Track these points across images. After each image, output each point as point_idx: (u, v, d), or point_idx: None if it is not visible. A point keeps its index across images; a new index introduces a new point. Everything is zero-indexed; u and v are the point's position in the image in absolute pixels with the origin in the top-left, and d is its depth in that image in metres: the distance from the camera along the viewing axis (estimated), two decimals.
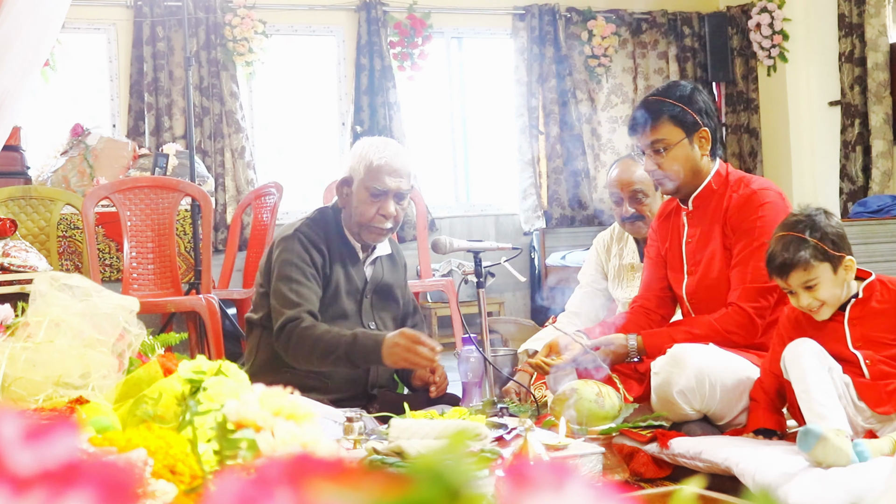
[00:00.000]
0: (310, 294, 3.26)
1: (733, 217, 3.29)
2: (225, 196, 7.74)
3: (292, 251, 3.29)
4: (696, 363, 3.03)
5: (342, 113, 8.34)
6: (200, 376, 1.80)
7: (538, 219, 8.52)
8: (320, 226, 3.39)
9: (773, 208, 3.24)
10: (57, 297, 2.08)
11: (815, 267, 2.82)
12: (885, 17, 8.10)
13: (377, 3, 8.20)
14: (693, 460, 2.94)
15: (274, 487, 0.38)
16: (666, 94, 3.40)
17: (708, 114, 3.39)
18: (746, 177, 3.40)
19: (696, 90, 3.42)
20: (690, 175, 3.37)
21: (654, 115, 3.35)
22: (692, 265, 3.41)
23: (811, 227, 2.85)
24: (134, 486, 0.39)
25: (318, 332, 3.13)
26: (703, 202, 3.39)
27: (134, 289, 5.11)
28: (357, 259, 3.41)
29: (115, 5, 7.67)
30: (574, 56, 8.82)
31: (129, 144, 6.74)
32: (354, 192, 3.33)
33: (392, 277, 3.51)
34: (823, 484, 2.47)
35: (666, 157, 3.34)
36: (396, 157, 3.32)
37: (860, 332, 2.87)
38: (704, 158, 3.38)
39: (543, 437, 2.60)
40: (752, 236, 3.23)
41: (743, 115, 9.16)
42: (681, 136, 3.34)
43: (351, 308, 3.36)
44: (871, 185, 8.05)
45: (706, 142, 3.37)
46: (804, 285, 2.83)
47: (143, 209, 5.19)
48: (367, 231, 3.33)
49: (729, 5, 9.23)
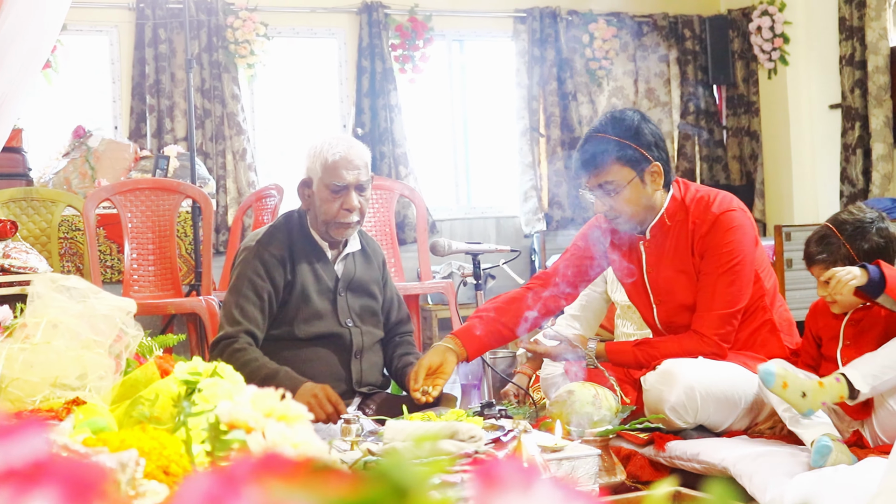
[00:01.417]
0: (254, 313, 3.27)
1: (699, 243, 3.20)
2: (226, 198, 7.75)
3: (249, 264, 3.31)
4: (687, 379, 3.02)
5: (343, 115, 8.36)
6: (196, 378, 1.81)
7: (539, 221, 8.53)
8: (283, 231, 3.40)
9: (740, 232, 3.18)
10: (55, 298, 2.09)
11: (834, 266, 2.86)
12: (885, 21, 8.10)
13: (378, 6, 8.21)
14: (690, 462, 2.95)
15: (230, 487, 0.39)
16: (611, 130, 3.18)
17: (657, 146, 3.20)
18: (704, 196, 3.26)
19: (643, 121, 3.21)
20: (645, 212, 3.23)
21: (600, 157, 3.15)
22: (659, 294, 3.33)
23: (853, 234, 2.86)
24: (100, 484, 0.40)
25: (245, 358, 3.14)
26: (661, 231, 3.28)
27: (134, 290, 5.12)
28: (325, 258, 3.41)
29: (117, 7, 7.69)
30: (575, 59, 8.83)
31: (130, 146, 6.76)
32: (315, 191, 3.34)
33: (366, 273, 3.49)
34: (820, 485, 2.48)
35: (617, 199, 3.18)
36: (351, 149, 3.32)
37: (852, 334, 2.89)
38: (658, 192, 3.22)
39: (540, 439, 2.61)
40: (721, 261, 3.16)
41: (744, 117, 9.17)
42: (630, 175, 3.16)
43: (325, 307, 3.36)
44: (871, 188, 8.05)
45: (658, 176, 3.19)
46: (823, 279, 2.86)
47: (144, 211, 5.20)
48: (335, 228, 3.34)
49: (730, 8, 9.24)
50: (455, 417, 2.85)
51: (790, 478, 2.57)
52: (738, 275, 3.15)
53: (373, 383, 3.45)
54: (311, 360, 3.34)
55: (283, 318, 3.34)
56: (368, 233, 5.74)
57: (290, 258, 3.34)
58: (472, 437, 2.27)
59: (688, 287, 3.24)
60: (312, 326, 3.33)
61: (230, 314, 3.28)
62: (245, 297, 3.27)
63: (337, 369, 3.36)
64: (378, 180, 6.52)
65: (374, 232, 5.93)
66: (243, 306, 3.27)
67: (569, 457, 2.52)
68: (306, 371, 3.30)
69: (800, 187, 8.69)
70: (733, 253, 3.15)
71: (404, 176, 8.09)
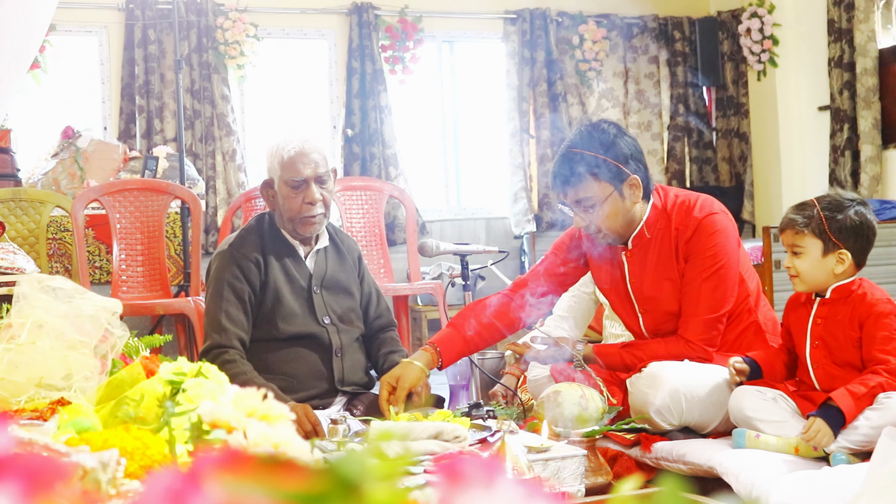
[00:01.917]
0: (240, 316, 3.29)
1: (684, 248, 3.20)
2: (216, 199, 7.75)
3: (225, 268, 3.33)
4: (672, 382, 3.03)
5: (333, 116, 8.35)
6: (181, 378, 1.82)
7: (529, 222, 8.53)
8: (255, 233, 3.41)
9: (723, 235, 3.18)
10: (40, 298, 2.09)
11: (804, 236, 2.88)
12: (873, 23, 8.13)
13: (369, 7, 8.22)
14: (676, 463, 2.97)
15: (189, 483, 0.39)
16: (587, 145, 3.15)
17: (634, 158, 3.17)
18: (685, 202, 3.24)
19: (619, 134, 3.18)
20: (625, 225, 3.22)
21: (576, 173, 3.12)
22: (644, 304, 3.32)
23: (831, 206, 2.88)
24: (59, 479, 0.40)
25: (234, 371, 3.14)
26: (643, 240, 3.26)
27: (123, 291, 5.12)
28: (298, 256, 3.42)
29: (106, 8, 7.68)
30: (565, 60, 8.84)
31: (119, 147, 6.75)
32: (278, 191, 3.36)
33: (340, 270, 3.49)
34: (806, 486, 2.49)
35: (595, 214, 3.16)
36: (305, 143, 3.33)
37: (820, 332, 2.90)
38: (637, 205, 3.20)
39: (526, 440, 2.61)
40: (705, 265, 3.16)
41: (733, 119, 9.19)
42: (608, 190, 3.14)
43: (299, 306, 3.37)
44: (859, 189, 8.08)
45: (637, 188, 3.17)
46: (791, 248, 2.91)
47: (133, 212, 5.20)
48: (301, 224, 3.35)
49: (720, 10, 9.26)
50: (442, 418, 2.85)
51: (776, 477, 2.58)
52: (722, 278, 3.16)
53: (356, 382, 3.45)
54: (291, 360, 3.34)
55: (260, 320, 3.34)
56: (357, 234, 5.77)
57: (263, 259, 3.35)
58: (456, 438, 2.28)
59: (673, 294, 3.25)
60: (290, 326, 3.34)
61: (216, 321, 3.28)
62: (227, 301, 3.28)
63: (318, 368, 3.36)
64: (367, 181, 6.52)
65: (364, 233, 5.93)
66: (228, 311, 3.28)
67: (555, 457, 2.53)
68: (288, 371, 3.31)
69: (789, 189, 8.71)
70: (717, 256, 3.16)
71: (394, 177, 8.09)
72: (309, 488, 0.37)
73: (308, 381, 3.33)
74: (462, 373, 3.88)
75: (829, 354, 2.88)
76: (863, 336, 2.82)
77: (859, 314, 2.83)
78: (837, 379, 2.82)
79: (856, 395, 2.69)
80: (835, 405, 2.69)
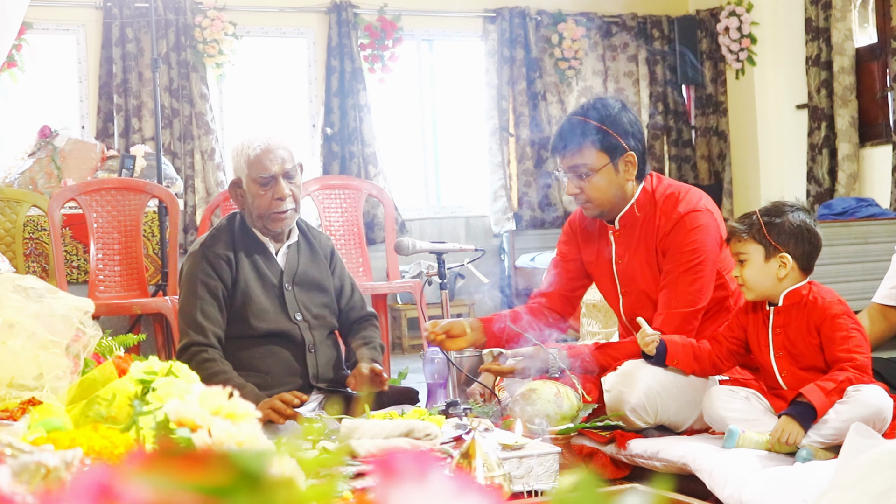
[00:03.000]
0: (216, 314, 3.31)
1: (663, 241, 3.23)
2: (195, 198, 7.73)
3: (197, 267, 3.34)
4: (647, 380, 3.04)
5: (312, 115, 8.35)
6: (151, 377, 1.81)
7: (508, 220, 8.55)
8: (226, 231, 3.42)
9: (703, 231, 3.19)
10: (10, 298, 2.08)
11: (746, 243, 2.91)
12: (850, 22, 8.18)
13: (348, 6, 8.21)
14: (651, 460, 2.97)
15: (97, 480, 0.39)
16: (591, 114, 3.23)
17: (634, 136, 3.24)
18: (674, 193, 3.27)
19: (623, 110, 3.26)
20: (614, 200, 3.26)
21: (576, 139, 3.19)
22: (626, 285, 3.36)
23: (770, 211, 2.91)
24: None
25: (213, 369, 3.16)
26: (630, 221, 3.30)
27: (100, 291, 5.10)
28: (269, 253, 3.43)
29: (84, 6, 7.64)
30: (544, 58, 8.86)
31: (97, 146, 6.71)
32: (246, 189, 3.37)
33: (311, 265, 3.49)
34: (778, 482, 2.51)
35: (588, 183, 3.21)
36: (270, 140, 3.35)
37: (782, 342, 2.92)
38: (630, 182, 3.26)
39: (501, 438, 2.62)
40: (682, 260, 3.18)
41: (712, 117, 9.23)
42: (604, 160, 3.20)
43: (271, 303, 3.37)
44: (837, 187, 8.13)
45: (632, 166, 3.23)
46: (737, 257, 2.93)
47: (110, 211, 5.18)
48: (271, 220, 3.36)
49: (698, 9, 9.30)
50: (417, 416, 2.86)
51: (749, 474, 2.59)
52: (699, 274, 3.18)
53: (331, 378, 3.45)
54: (265, 357, 3.35)
55: (232, 317, 3.35)
56: (336, 233, 5.77)
57: (234, 257, 3.37)
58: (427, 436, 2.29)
59: (651, 279, 3.28)
60: (262, 323, 3.35)
61: (193, 320, 3.28)
62: (202, 299, 3.29)
63: (291, 365, 3.37)
64: (345, 180, 6.52)
65: (343, 232, 5.93)
66: (204, 309, 3.29)
67: (529, 455, 2.53)
68: (261, 368, 3.32)
69: (767, 187, 8.76)
70: (696, 252, 3.17)
71: (374, 176, 8.09)
72: (215, 481, 0.38)
73: (282, 378, 3.33)
74: (440, 371, 3.89)
75: (794, 362, 2.90)
76: (822, 340, 2.85)
77: (815, 320, 2.86)
78: (806, 382, 2.84)
79: (825, 390, 2.71)
80: (806, 401, 2.71)
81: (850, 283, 5.96)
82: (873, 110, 8.13)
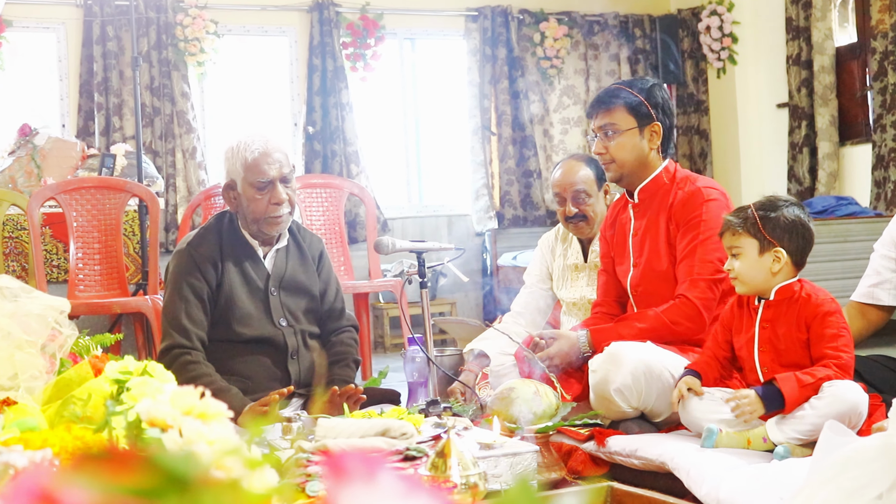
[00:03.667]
0: (200, 316, 3.28)
1: (678, 213, 3.34)
2: (176, 196, 7.70)
3: (183, 267, 3.31)
4: (633, 361, 3.07)
5: (294, 113, 8.33)
6: (126, 377, 1.81)
7: (490, 219, 8.55)
8: (213, 232, 3.39)
9: (716, 205, 3.30)
10: None
11: (740, 236, 2.92)
12: (830, 21, 8.21)
13: (330, 4, 8.20)
14: (629, 458, 2.99)
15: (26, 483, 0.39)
16: (627, 84, 3.50)
17: (664, 111, 3.46)
18: (693, 175, 3.46)
19: (658, 86, 3.50)
20: (636, 165, 3.43)
21: (610, 100, 3.43)
22: (638, 257, 3.46)
23: (765, 206, 2.93)
24: None
25: (197, 372, 3.14)
26: (649, 195, 3.45)
27: (80, 290, 5.08)
28: (256, 256, 3.40)
29: (64, 4, 7.61)
30: (526, 57, 8.87)
31: (77, 145, 6.69)
32: (241, 192, 3.33)
33: (299, 268, 3.46)
34: (754, 480, 2.52)
35: (613, 142, 3.41)
36: (267, 144, 3.31)
37: (768, 336, 2.93)
38: (652, 152, 3.44)
39: (479, 436, 2.63)
40: (697, 231, 3.28)
41: (693, 116, 9.26)
42: (632, 124, 3.41)
43: (255, 307, 3.35)
44: (817, 185, 8.16)
45: (657, 136, 3.43)
46: (730, 250, 2.95)
47: (90, 210, 5.16)
48: (267, 224, 3.34)
49: (680, 8, 9.32)
50: (396, 415, 2.86)
51: (726, 472, 2.60)
52: (717, 243, 3.23)
53: (313, 384, 3.43)
54: (247, 362, 3.33)
55: (216, 320, 3.33)
56: (317, 231, 5.76)
57: (220, 259, 3.33)
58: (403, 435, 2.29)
59: (666, 254, 3.37)
60: (246, 329, 3.32)
61: (177, 321, 3.25)
62: (188, 300, 3.26)
63: (274, 370, 3.35)
64: (327, 178, 6.52)
65: (324, 230, 5.93)
66: (189, 311, 3.26)
67: (507, 453, 2.54)
68: (244, 372, 3.30)
69: (748, 185, 8.79)
70: (710, 222, 3.27)
71: (356, 174, 8.08)
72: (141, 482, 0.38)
73: (263, 383, 3.31)
74: (420, 370, 3.89)
75: (776, 357, 2.90)
76: (811, 336, 2.86)
77: (805, 316, 2.87)
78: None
79: (801, 384, 2.72)
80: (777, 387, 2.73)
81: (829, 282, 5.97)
82: (853, 109, 8.17)
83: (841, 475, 1.78)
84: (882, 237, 3.51)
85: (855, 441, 1.97)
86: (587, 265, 3.99)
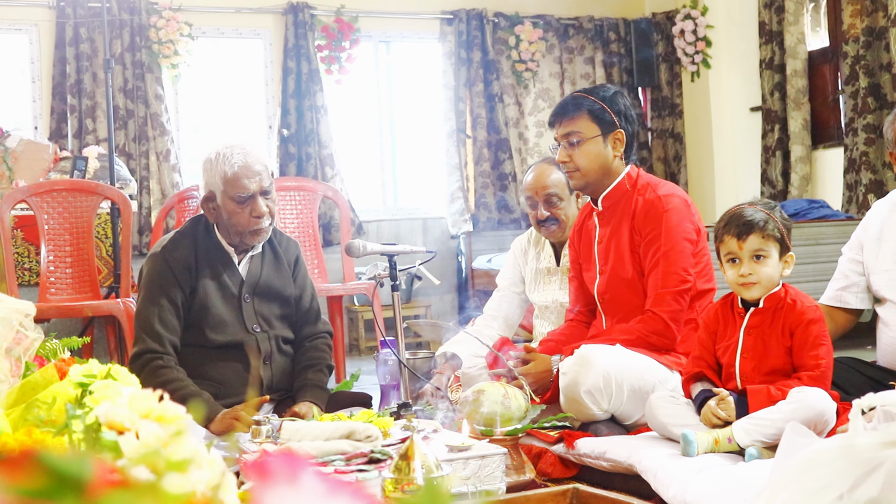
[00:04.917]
0: (173, 321, 3.27)
1: (639, 222, 3.36)
2: (150, 199, 7.67)
3: (157, 272, 3.29)
4: (604, 364, 3.09)
5: (269, 116, 8.32)
6: (90, 380, 1.81)
7: (465, 222, 8.56)
8: (189, 236, 3.37)
9: (676, 214, 3.31)
10: None
11: (770, 239, 2.86)
12: (803, 26, 8.27)
13: (304, 6, 8.19)
14: (598, 460, 3.00)
15: None
16: (590, 91, 3.53)
17: (627, 118, 3.48)
18: (654, 181, 3.47)
19: (620, 94, 3.53)
20: (599, 173, 3.45)
21: (573, 108, 3.46)
22: (604, 265, 3.48)
23: (779, 209, 2.93)
24: None
25: (167, 377, 3.13)
26: (613, 203, 3.47)
27: (51, 293, 5.06)
28: (231, 263, 3.38)
29: (36, 6, 7.57)
30: (501, 61, 8.89)
31: (49, 147, 6.65)
32: (221, 205, 3.30)
33: (274, 274, 3.45)
34: (721, 481, 2.54)
35: (577, 151, 3.44)
36: (248, 156, 3.28)
37: (752, 342, 2.93)
38: (616, 160, 3.46)
39: (447, 439, 2.63)
40: (658, 244, 3.30)
41: (668, 119, 9.30)
42: (595, 131, 3.44)
43: (229, 313, 3.33)
44: (790, 189, 8.21)
45: (620, 143, 3.45)
46: (755, 252, 2.86)
47: (61, 212, 5.14)
48: (250, 236, 3.33)
49: (654, 12, 9.36)
50: (366, 418, 2.86)
51: (693, 473, 2.62)
52: (680, 253, 3.27)
53: (285, 389, 3.42)
54: (219, 367, 3.31)
55: (189, 325, 3.31)
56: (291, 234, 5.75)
57: (195, 265, 3.32)
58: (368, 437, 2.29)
59: (630, 262, 3.39)
60: (219, 335, 3.31)
61: (149, 325, 3.23)
62: (161, 305, 3.24)
63: (246, 375, 3.34)
64: (300, 181, 6.50)
65: (298, 233, 5.92)
66: (163, 317, 3.24)
67: (474, 456, 2.54)
68: (216, 377, 3.29)
69: (722, 188, 8.84)
70: (671, 233, 3.27)
71: (331, 177, 8.07)
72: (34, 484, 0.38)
73: (236, 388, 3.30)
74: (392, 373, 3.89)
75: (757, 365, 2.91)
76: (794, 343, 2.86)
77: (791, 322, 2.87)
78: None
79: (772, 399, 2.75)
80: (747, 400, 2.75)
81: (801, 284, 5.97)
82: (825, 113, 8.22)
83: (803, 476, 1.79)
84: (850, 241, 3.54)
85: (816, 442, 1.99)
86: (560, 269, 4.00)
